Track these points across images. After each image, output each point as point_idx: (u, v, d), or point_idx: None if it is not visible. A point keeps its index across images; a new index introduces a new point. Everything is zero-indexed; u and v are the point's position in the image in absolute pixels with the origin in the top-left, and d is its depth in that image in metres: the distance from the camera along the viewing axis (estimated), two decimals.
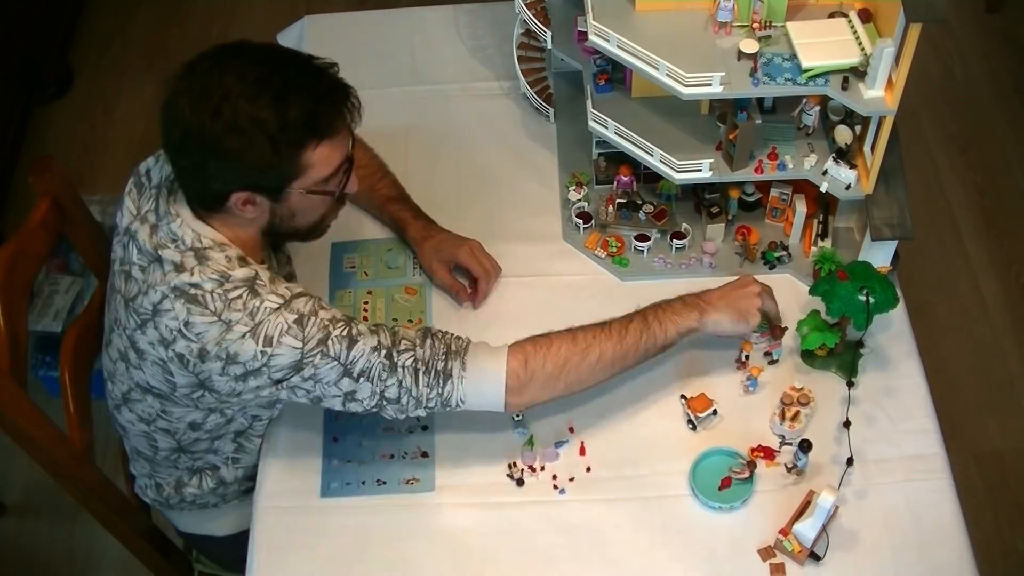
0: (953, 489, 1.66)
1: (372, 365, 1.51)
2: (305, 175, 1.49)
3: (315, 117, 1.46)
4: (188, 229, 1.52)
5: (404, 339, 1.54)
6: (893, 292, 1.70)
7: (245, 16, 3.69)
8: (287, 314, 1.48)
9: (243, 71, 1.42)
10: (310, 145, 1.47)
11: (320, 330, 1.48)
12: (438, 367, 1.54)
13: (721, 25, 1.68)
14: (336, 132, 1.50)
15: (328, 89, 1.49)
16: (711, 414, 1.72)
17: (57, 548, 2.60)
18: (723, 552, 1.61)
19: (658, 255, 1.93)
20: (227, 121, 1.41)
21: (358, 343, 1.50)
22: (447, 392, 1.54)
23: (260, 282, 1.50)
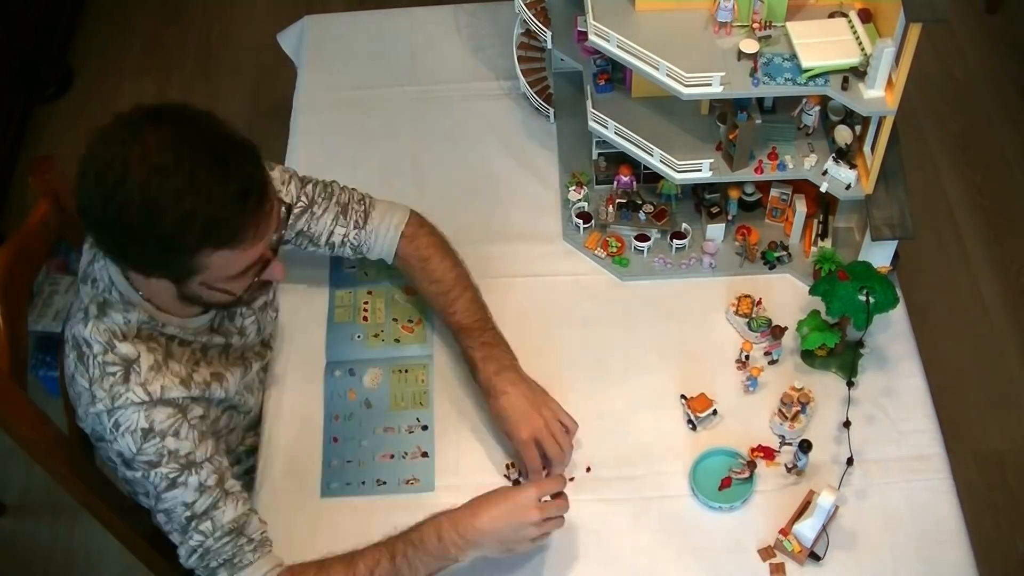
0: (953, 489, 1.66)
1: (174, 511, 1.49)
2: (203, 274, 1.39)
3: (213, 225, 1.32)
4: (106, 275, 1.49)
5: (212, 519, 1.49)
6: (893, 292, 1.70)
7: (245, 16, 3.69)
8: (142, 416, 1.45)
9: (147, 153, 1.29)
10: (205, 251, 1.35)
11: (156, 454, 1.45)
12: (211, 564, 1.50)
13: (721, 25, 1.68)
14: (240, 241, 1.36)
15: (239, 193, 1.33)
16: (711, 414, 1.72)
17: (57, 548, 2.60)
18: (723, 552, 1.61)
19: (658, 255, 1.93)
20: (118, 209, 1.31)
21: (176, 488, 1.47)
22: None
23: (136, 369, 1.46)
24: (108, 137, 1.33)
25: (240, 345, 1.67)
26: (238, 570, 1.51)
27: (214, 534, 1.50)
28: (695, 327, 1.84)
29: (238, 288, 1.45)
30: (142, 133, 1.32)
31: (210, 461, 1.50)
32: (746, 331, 1.81)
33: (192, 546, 1.50)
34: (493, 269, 1.91)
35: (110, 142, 1.33)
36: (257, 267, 1.44)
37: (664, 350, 1.81)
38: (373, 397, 1.79)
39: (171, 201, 1.30)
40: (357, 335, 1.85)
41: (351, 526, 1.65)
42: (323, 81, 2.24)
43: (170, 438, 1.46)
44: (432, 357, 1.83)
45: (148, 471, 1.47)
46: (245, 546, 1.52)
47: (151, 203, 1.30)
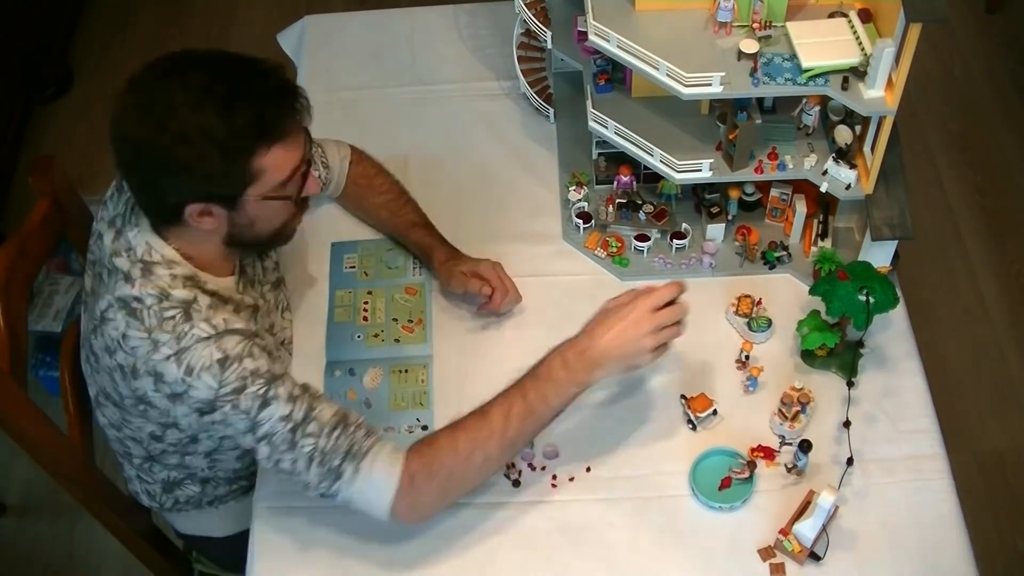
0: (953, 489, 1.66)
1: (276, 432, 1.47)
2: (259, 181, 1.45)
3: (264, 121, 1.42)
4: (142, 241, 1.50)
5: (315, 420, 1.48)
6: (893, 292, 1.70)
7: (245, 16, 3.69)
8: (214, 349, 1.45)
9: (187, 80, 1.39)
10: (261, 150, 1.43)
11: (238, 379, 1.45)
12: (333, 463, 1.48)
13: (721, 25, 1.68)
14: (287, 134, 1.46)
15: (276, 91, 1.45)
16: (711, 414, 1.72)
17: (57, 548, 2.60)
18: (723, 552, 1.61)
19: (658, 255, 1.93)
20: (174, 133, 1.38)
21: (270, 406, 1.46)
22: (334, 489, 1.50)
23: (196, 308, 1.47)
24: (139, 84, 1.42)
25: (266, 313, 1.68)
26: (361, 457, 1.49)
27: (323, 433, 1.48)
28: (695, 327, 1.83)
29: (290, 191, 1.50)
30: (171, 71, 1.41)
31: (288, 375, 1.52)
32: (746, 331, 1.81)
33: (307, 454, 1.47)
34: None
35: (143, 87, 1.42)
36: (301, 171, 1.51)
37: None
38: (373, 397, 1.79)
39: (222, 110, 1.38)
40: (357, 335, 1.85)
41: (351, 526, 1.65)
42: (323, 81, 2.24)
43: (247, 359, 1.47)
44: (432, 357, 1.83)
45: (237, 399, 1.45)
46: (356, 433, 1.50)
47: (205, 118, 1.38)
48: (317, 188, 1.58)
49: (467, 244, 1.94)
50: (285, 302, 1.82)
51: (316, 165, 1.86)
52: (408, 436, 1.73)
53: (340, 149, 1.94)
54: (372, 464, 1.49)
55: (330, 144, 1.93)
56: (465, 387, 1.78)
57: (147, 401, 1.52)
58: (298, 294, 1.90)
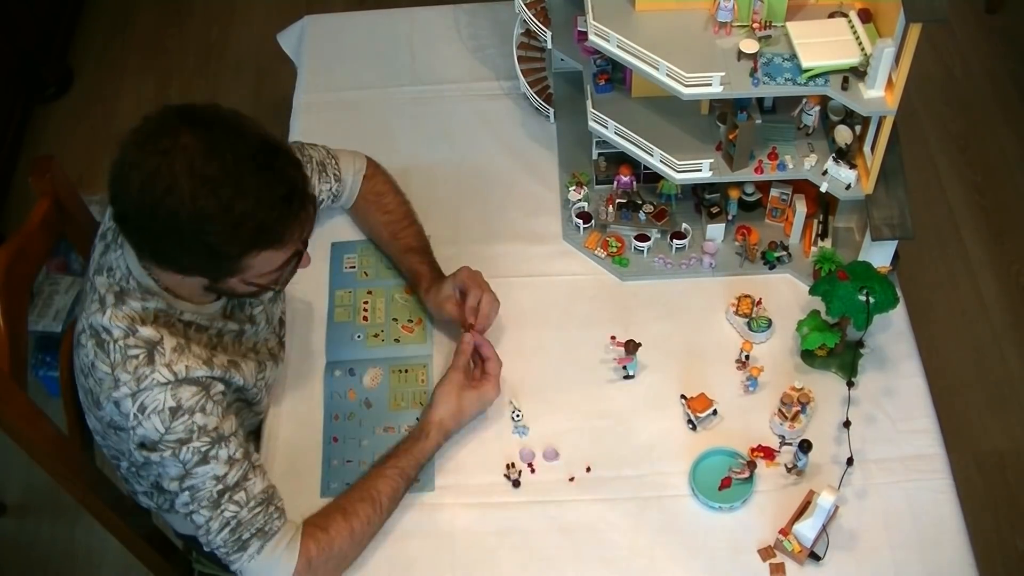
0: (953, 489, 1.66)
1: (204, 488, 1.48)
2: (245, 273, 1.44)
3: (262, 230, 1.37)
4: (123, 264, 1.50)
5: (245, 490, 1.51)
6: (893, 292, 1.70)
7: (245, 16, 3.69)
8: (168, 396, 1.45)
9: (194, 163, 1.32)
10: (251, 253, 1.40)
11: (185, 431, 1.46)
12: (243, 535, 1.50)
13: (721, 25, 1.68)
14: (283, 242, 1.42)
15: (283, 198, 1.38)
16: (711, 414, 1.72)
17: (57, 548, 2.60)
18: (723, 552, 1.61)
19: (658, 255, 1.93)
20: (167, 217, 1.33)
21: (207, 464, 1.48)
22: (234, 559, 1.52)
23: (160, 350, 1.46)
24: (146, 143, 1.34)
25: (252, 335, 1.67)
26: (268, 538, 1.52)
27: (248, 504, 1.50)
28: (695, 327, 1.84)
29: (273, 281, 1.50)
30: (182, 138, 1.33)
31: (235, 435, 1.52)
32: (746, 331, 1.81)
33: (226, 518, 1.49)
34: (493, 269, 1.91)
35: (150, 150, 1.33)
36: (293, 260, 1.50)
37: (664, 350, 1.81)
38: (373, 397, 1.79)
39: (221, 210, 1.33)
40: (357, 335, 1.85)
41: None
42: (323, 81, 2.24)
43: (198, 414, 1.47)
44: (432, 357, 1.83)
45: (178, 448, 1.46)
46: (273, 514, 1.53)
47: (200, 212, 1.33)
48: (308, 264, 1.55)
49: (467, 244, 1.95)
50: (281, 314, 1.80)
51: (327, 178, 1.85)
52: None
53: (356, 161, 1.91)
54: (276, 547, 1.52)
55: (346, 156, 1.90)
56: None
57: (114, 426, 1.55)
58: (298, 294, 1.90)
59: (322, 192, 1.85)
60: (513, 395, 1.77)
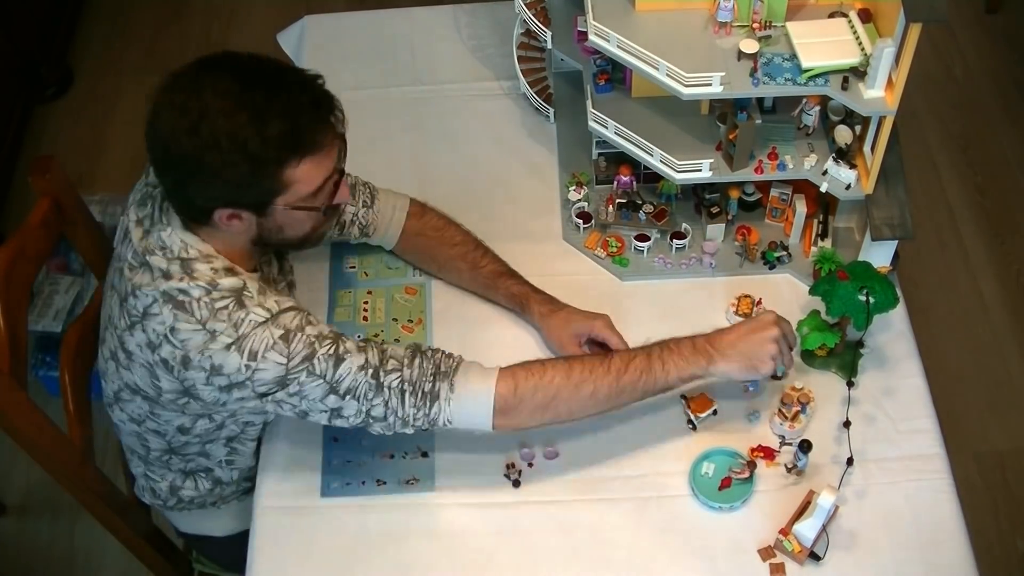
0: (953, 489, 1.66)
1: (359, 384, 1.49)
2: (288, 191, 1.45)
3: (296, 134, 1.42)
4: (176, 239, 1.50)
5: (392, 358, 1.51)
6: (893, 292, 1.70)
7: (245, 16, 3.69)
8: (273, 328, 1.46)
9: (222, 87, 1.39)
10: (291, 162, 1.43)
11: (306, 347, 1.46)
12: (425, 388, 1.51)
13: (721, 25, 1.68)
14: (320, 147, 1.45)
15: (311, 103, 1.44)
16: (711, 414, 1.72)
17: (57, 548, 2.60)
18: (723, 552, 1.61)
19: (658, 255, 1.93)
20: (205, 139, 1.38)
21: (344, 361, 1.48)
22: (434, 413, 1.52)
23: (248, 293, 1.48)
24: (176, 85, 1.42)
25: None
26: (452, 373, 1.53)
27: (403, 365, 1.51)
28: (695, 327, 1.83)
29: (320, 202, 1.50)
30: (207, 75, 1.41)
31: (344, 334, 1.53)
32: None
33: (399, 388, 1.49)
34: None
35: (179, 88, 1.41)
36: (332, 181, 1.50)
37: None
38: None
39: (255, 119, 1.38)
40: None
41: (351, 526, 1.65)
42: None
43: (308, 327, 1.48)
44: None
45: (310, 363, 1.46)
46: (435, 356, 1.54)
47: (237, 126, 1.37)
48: (348, 196, 1.58)
49: None
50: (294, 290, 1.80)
51: (355, 201, 1.84)
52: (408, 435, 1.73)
53: (398, 200, 1.88)
54: (466, 378, 1.53)
55: (387, 193, 1.88)
56: None
57: (192, 393, 1.52)
58: (299, 294, 1.90)
59: (345, 212, 1.82)
60: None
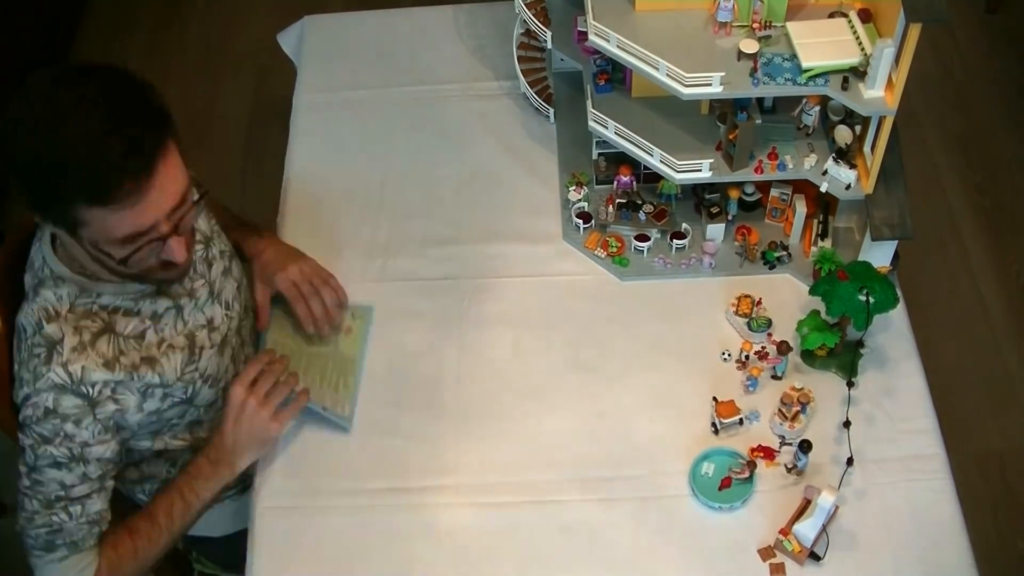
0: (953, 489, 1.66)
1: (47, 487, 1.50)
2: (83, 228, 1.37)
3: (84, 179, 1.31)
4: (39, 255, 1.50)
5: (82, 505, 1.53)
6: (893, 292, 1.70)
7: (245, 16, 3.69)
8: (51, 399, 1.46)
9: (41, 92, 1.35)
10: (79, 204, 1.33)
11: (51, 432, 1.47)
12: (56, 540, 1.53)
13: (721, 25, 1.68)
14: (114, 201, 1.33)
15: (119, 154, 1.32)
16: (736, 422, 1.71)
17: None
18: (723, 552, 1.61)
19: (658, 255, 1.93)
20: (8, 154, 1.34)
21: (59, 471, 1.49)
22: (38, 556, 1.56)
23: (59, 349, 1.46)
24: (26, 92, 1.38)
25: (194, 310, 1.63)
26: (78, 551, 1.54)
27: (79, 519, 1.52)
28: (695, 327, 1.84)
29: (122, 254, 1.40)
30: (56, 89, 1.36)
31: (100, 461, 1.52)
32: (746, 331, 1.81)
33: (51, 521, 1.51)
34: (493, 269, 1.92)
35: (22, 96, 1.37)
36: (148, 240, 1.40)
37: (664, 350, 1.81)
38: None
39: (52, 147, 1.32)
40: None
41: (351, 526, 1.65)
42: (323, 81, 2.24)
43: (70, 424, 1.47)
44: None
45: (38, 444, 1.48)
46: (94, 534, 1.55)
47: (38, 146, 1.32)
48: (180, 256, 1.44)
49: (467, 244, 1.95)
50: (234, 291, 1.74)
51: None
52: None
53: None
54: (79, 562, 1.55)
55: None
56: (465, 388, 1.79)
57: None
58: None
59: None
60: (515, 394, 1.77)
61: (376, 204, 2.03)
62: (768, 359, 1.77)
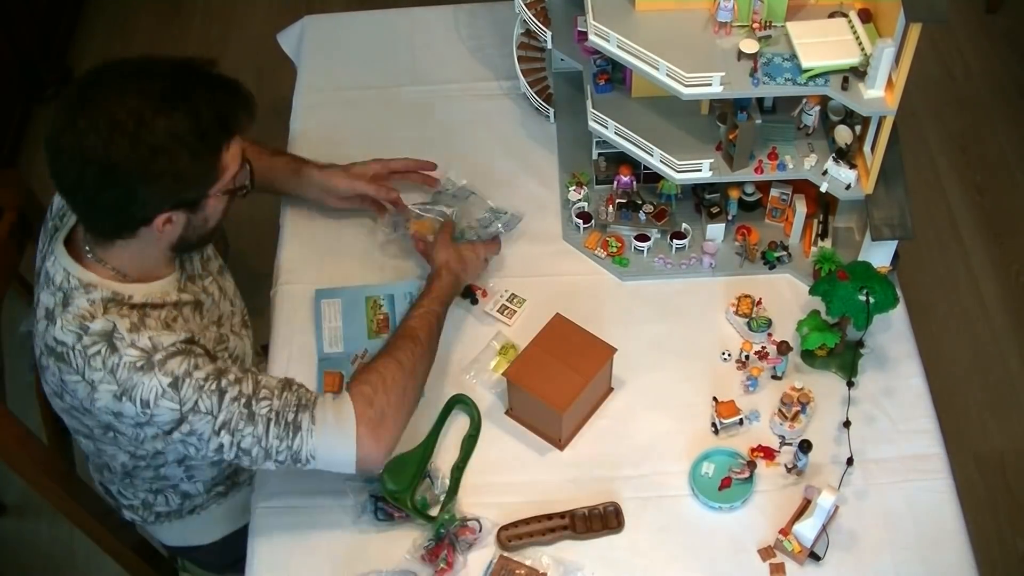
0: (953, 489, 1.66)
1: (232, 415, 1.47)
2: (222, 177, 1.48)
3: (223, 119, 1.44)
4: (60, 268, 1.49)
5: (265, 387, 1.50)
6: (893, 292, 1.70)
7: (245, 16, 3.69)
8: (161, 376, 1.44)
9: (143, 89, 1.38)
10: (225, 147, 1.45)
11: (194, 391, 1.45)
12: (288, 418, 1.49)
13: (721, 25, 1.68)
14: (241, 128, 1.48)
15: (225, 86, 1.47)
16: (736, 423, 1.71)
17: (57, 548, 2.60)
18: (723, 552, 1.61)
19: (658, 255, 1.93)
20: (148, 144, 1.37)
21: (226, 394, 1.47)
22: (296, 445, 1.49)
23: (118, 335, 1.45)
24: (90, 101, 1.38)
25: (211, 306, 1.66)
26: (312, 406, 1.51)
27: (274, 395, 1.49)
28: (695, 327, 1.84)
29: (240, 180, 1.53)
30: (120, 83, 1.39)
31: (228, 360, 1.54)
32: (746, 331, 1.81)
33: (266, 417, 1.47)
34: (493, 269, 1.92)
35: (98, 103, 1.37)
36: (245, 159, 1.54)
37: (664, 350, 1.81)
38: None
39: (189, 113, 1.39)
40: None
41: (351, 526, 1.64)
42: (323, 81, 2.24)
43: (195, 371, 1.46)
44: None
45: (198, 404, 1.45)
46: (300, 390, 1.53)
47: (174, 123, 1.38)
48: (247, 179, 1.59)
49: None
50: (232, 288, 1.79)
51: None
52: None
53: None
54: (324, 409, 1.51)
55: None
56: (465, 387, 1.79)
57: (114, 429, 1.53)
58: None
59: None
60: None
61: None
62: (768, 359, 1.77)
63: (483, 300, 1.88)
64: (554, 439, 1.71)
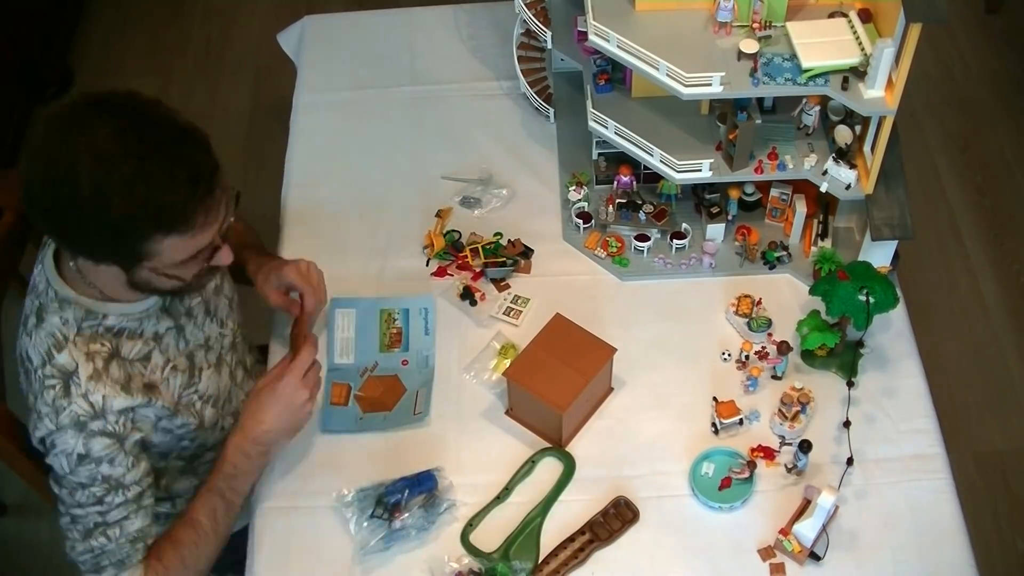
0: (953, 489, 1.66)
1: (85, 519, 1.48)
2: (152, 260, 1.39)
3: (165, 212, 1.34)
4: (43, 278, 1.48)
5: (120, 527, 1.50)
6: (893, 292, 1.70)
7: (245, 16, 3.69)
8: (81, 444, 1.44)
9: (95, 143, 1.30)
10: (155, 237, 1.36)
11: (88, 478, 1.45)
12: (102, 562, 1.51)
13: (721, 25, 1.68)
14: (191, 227, 1.37)
15: (187, 182, 1.34)
16: (736, 423, 1.71)
17: (57, 548, 2.57)
18: (723, 552, 1.61)
19: (658, 255, 1.93)
20: (69, 197, 1.31)
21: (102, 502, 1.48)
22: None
23: (76, 380, 1.43)
24: (54, 129, 1.33)
25: (194, 330, 1.64)
26: (123, 569, 1.52)
27: (118, 540, 1.50)
28: (695, 327, 1.84)
29: (187, 274, 1.45)
30: (90, 124, 1.32)
31: (136, 483, 1.51)
32: (746, 331, 1.81)
33: (92, 546, 1.50)
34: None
35: (56, 135, 1.32)
36: (206, 253, 1.44)
37: (664, 350, 1.81)
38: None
39: (121, 189, 1.30)
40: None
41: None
42: (323, 81, 2.24)
43: (105, 465, 1.46)
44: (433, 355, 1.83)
45: (76, 491, 1.47)
46: (138, 550, 1.53)
47: (100, 192, 1.30)
48: (229, 259, 1.49)
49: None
50: (225, 309, 1.74)
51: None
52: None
53: None
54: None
55: None
56: (466, 386, 1.79)
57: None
58: None
59: None
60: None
61: (376, 204, 2.03)
62: (768, 359, 1.77)
63: (487, 304, 1.88)
64: (554, 439, 1.71)
